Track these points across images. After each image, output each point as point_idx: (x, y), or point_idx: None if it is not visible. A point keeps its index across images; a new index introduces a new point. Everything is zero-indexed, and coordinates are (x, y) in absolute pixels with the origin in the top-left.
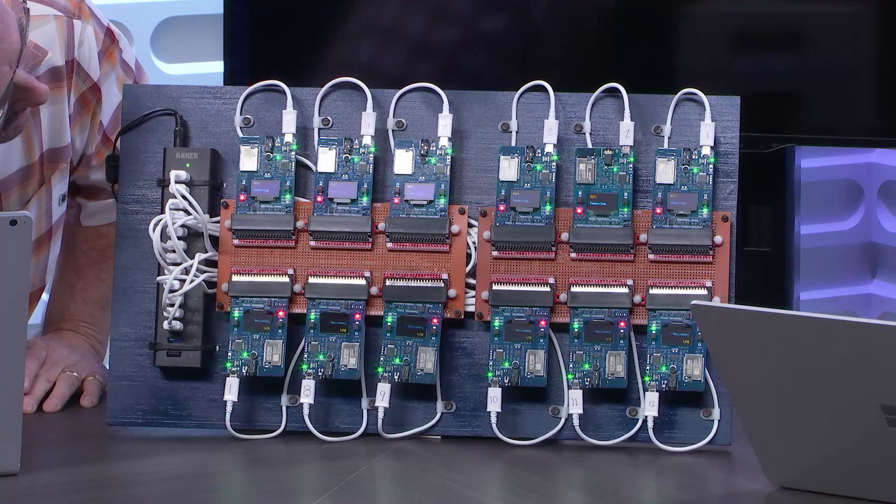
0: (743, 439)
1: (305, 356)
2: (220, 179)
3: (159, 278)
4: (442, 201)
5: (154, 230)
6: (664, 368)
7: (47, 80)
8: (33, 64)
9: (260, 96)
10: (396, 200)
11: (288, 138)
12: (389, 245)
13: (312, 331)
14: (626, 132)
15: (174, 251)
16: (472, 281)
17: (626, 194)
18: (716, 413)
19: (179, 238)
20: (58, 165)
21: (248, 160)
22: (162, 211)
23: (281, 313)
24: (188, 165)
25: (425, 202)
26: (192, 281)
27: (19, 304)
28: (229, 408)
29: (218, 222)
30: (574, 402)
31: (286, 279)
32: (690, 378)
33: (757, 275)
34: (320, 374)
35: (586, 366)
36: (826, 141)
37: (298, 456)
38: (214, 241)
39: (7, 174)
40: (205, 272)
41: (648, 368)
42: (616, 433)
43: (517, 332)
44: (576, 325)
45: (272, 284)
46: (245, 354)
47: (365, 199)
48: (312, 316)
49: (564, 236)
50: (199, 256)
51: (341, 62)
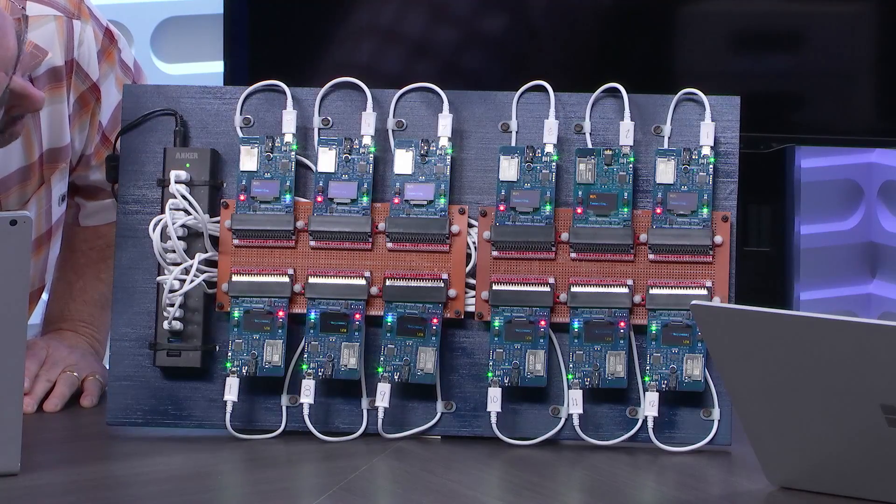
0: (743, 439)
1: (305, 356)
2: (220, 179)
3: (159, 278)
4: (442, 201)
5: (154, 230)
6: (664, 368)
7: (47, 81)
8: (33, 65)
9: (260, 96)
10: (396, 200)
11: (288, 138)
12: (389, 245)
13: (312, 331)
14: (627, 132)
15: (174, 251)
16: (472, 281)
17: (626, 194)
18: (716, 413)
19: (179, 238)
20: (57, 165)
21: (248, 160)
22: (162, 211)
23: (281, 313)
24: (188, 165)
25: (425, 202)
26: (192, 281)
27: (19, 304)
28: (229, 408)
29: (218, 222)
30: (574, 402)
31: (286, 279)
32: (690, 378)
33: (757, 275)
34: (320, 374)
35: (586, 366)
36: (826, 141)
37: (298, 456)
38: (214, 241)
39: (6, 174)
40: (205, 272)
41: (648, 368)
42: (616, 433)
43: (517, 332)
44: (576, 325)
45: (272, 284)
46: (245, 354)
47: (365, 199)
48: (312, 316)
49: (564, 236)
50: (199, 256)
51: (341, 62)
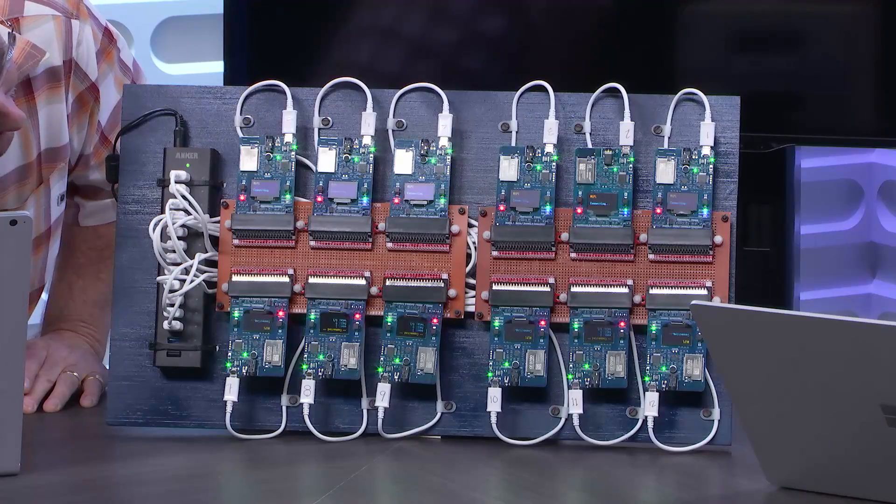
0: (743, 439)
1: (305, 356)
2: (221, 179)
3: (159, 278)
4: (442, 201)
5: (154, 230)
6: (664, 368)
7: (45, 81)
8: (31, 65)
9: (260, 96)
10: (396, 200)
11: (288, 138)
12: (389, 245)
13: (312, 331)
14: (626, 132)
15: (174, 251)
16: (472, 281)
17: (626, 194)
18: (716, 413)
19: (179, 238)
20: (56, 165)
21: (248, 160)
22: (162, 211)
23: (281, 313)
24: (188, 165)
25: (425, 202)
26: (192, 281)
27: (19, 304)
28: (229, 408)
29: (218, 222)
30: (574, 402)
31: (286, 279)
32: (690, 378)
33: (757, 275)
34: (320, 374)
35: (586, 366)
36: (826, 141)
37: (298, 456)
38: (214, 241)
39: (3, 173)
40: (205, 272)
41: (648, 368)
42: (616, 433)
43: (517, 332)
44: (576, 325)
45: (272, 284)
46: (245, 354)
47: (365, 199)
48: (312, 316)
49: (564, 236)
50: (199, 256)
51: (341, 62)
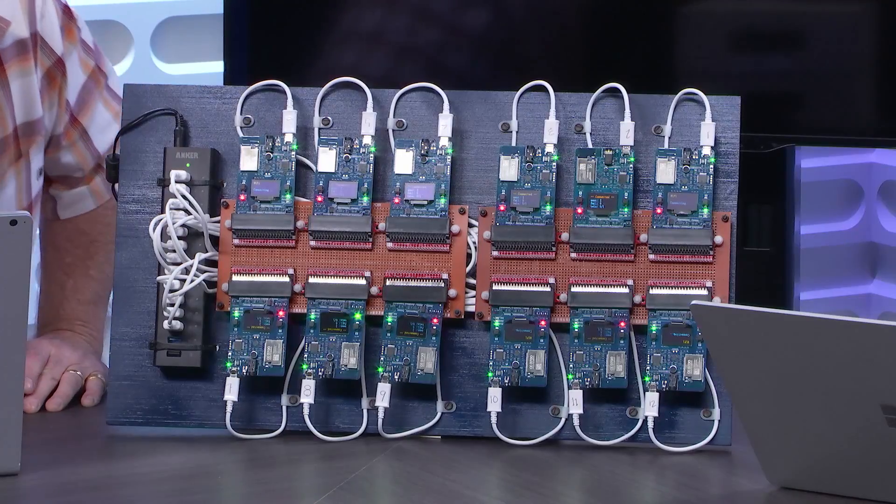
0: (743, 439)
1: (305, 356)
2: (221, 179)
3: (159, 278)
4: (442, 201)
5: (154, 230)
6: (664, 368)
7: (15, 52)
8: None
9: (260, 96)
10: (397, 200)
11: (288, 138)
12: (390, 245)
13: (312, 330)
14: (627, 132)
15: (174, 251)
16: (473, 281)
17: (627, 194)
18: (716, 413)
19: (179, 238)
20: (34, 139)
21: (249, 160)
22: (162, 211)
23: (281, 313)
24: (188, 165)
25: (425, 202)
26: (193, 281)
27: (19, 304)
28: (229, 408)
29: (218, 222)
30: (574, 402)
31: (286, 279)
32: (691, 378)
33: (757, 275)
34: (320, 374)
35: (586, 366)
36: (826, 141)
37: (298, 456)
38: (215, 241)
39: None
40: (205, 272)
41: (649, 368)
42: (616, 433)
43: (517, 332)
44: (576, 325)
45: (272, 284)
46: (245, 354)
47: (365, 199)
48: (312, 316)
49: (565, 236)
50: (200, 256)
51: (341, 62)
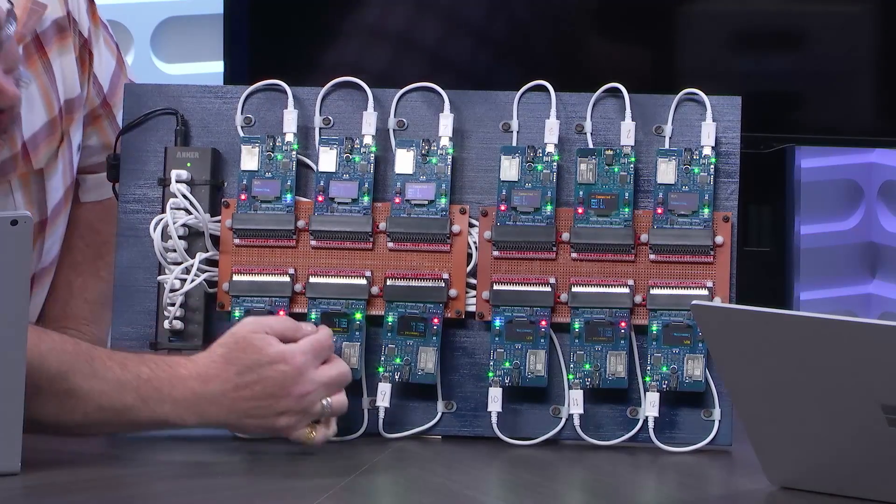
0: (743, 439)
1: None
2: (221, 179)
3: (160, 278)
4: (443, 201)
5: (155, 229)
6: (665, 369)
7: (54, 33)
8: (34, 21)
9: (261, 96)
10: (397, 200)
11: (289, 138)
12: (390, 245)
13: None
14: (627, 132)
15: (175, 250)
16: (473, 281)
17: (627, 194)
18: (716, 413)
19: (180, 237)
20: (73, 116)
21: (249, 159)
22: (163, 210)
23: (282, 313)
24: (189, 165)
25: (426, 202)
26: (193, 280)
27: (19, 304)
28: None
29: (219, 222)
30: (575, 402)
31: (287, 279)
32: (691, 378)
33: (757, 275)
34: None
35: (587, 366)
36: (826, 141)
37: (298, 456)
38: (215, 241)
39: (34, 130)
40: (205, 271)
41: (649, 368)
42: (617, 433)
43: (518, 332)
44: (577, 325)
45: (273, 284)
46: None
47: (366, 199)
48: (313, 316)
49: (565, 236)
50: (200, 256)
51: (342, 61)
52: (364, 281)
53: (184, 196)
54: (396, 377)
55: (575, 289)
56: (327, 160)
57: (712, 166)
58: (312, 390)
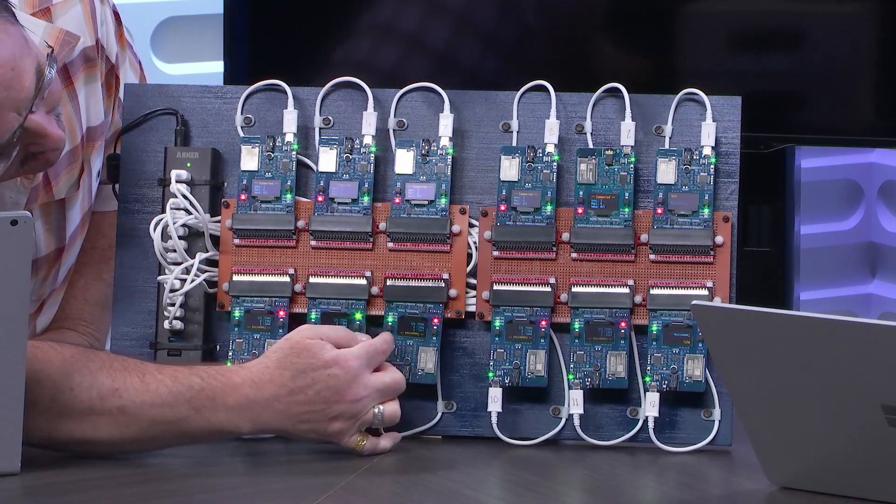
0: (743, 439)
1: None
2: (221, 179)
3: (160, 278)
4: (443, 201)
5: (155, 230)
6: (665, 369)
7: (82, 63)
8: (66, 52)
9: (261, 96)
10: (397, 200)
11: (289, 138)
12: (390, 245)
13: None
14: (628, 132)
15: (175, 251)
16: (473, 281)
17: (627, 194)
18: (716, 413)
19: (180, 237)
20: (94, 144)
21: (249, 160)
22: (163, 210)
23: (282, 313)
24: (189, 165)
25: (426, 202)
26: (193, 280)
27: (19, 304)
28: None
29: (219, 222)
30: (575, 403)
31: (287, 279)
32: (691, 378)
33: (757, 275)
34: None
35: (587, 366)
36: (826, 141)
37: (298, 456)
38: (215, 241)
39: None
40: (205, 272)
41: (649, 369)
42: (617, 433)
43: (518, 332)
44: (577, 325)
45: (273, 284)
46: (245, 354)
47: (366, 199)
48: (313, 316)
49: (565, 236)
50: (200, 256)
51: (342, 61)
52: (364, 281)
53: (184, 196)
54: None
55: (575, 289)
56: (327, 160)
57: (712, 166)
58: (365, 395)
